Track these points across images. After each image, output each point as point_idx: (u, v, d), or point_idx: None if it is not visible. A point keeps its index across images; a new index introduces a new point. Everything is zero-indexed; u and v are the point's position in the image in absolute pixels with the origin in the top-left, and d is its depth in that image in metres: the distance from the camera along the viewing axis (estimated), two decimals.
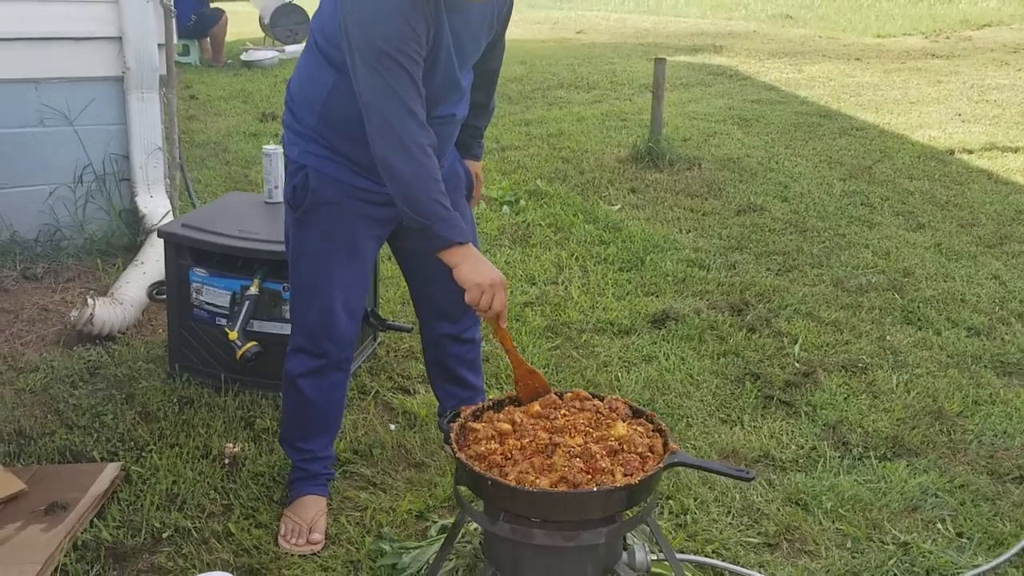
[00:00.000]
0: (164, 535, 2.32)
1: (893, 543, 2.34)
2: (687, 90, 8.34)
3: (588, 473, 1.80)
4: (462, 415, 2.02)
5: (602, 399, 2.06)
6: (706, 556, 2.28)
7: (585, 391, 2.10)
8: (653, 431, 1.96)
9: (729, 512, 2.47)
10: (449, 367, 2.58)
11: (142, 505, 2.41)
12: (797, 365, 3.28)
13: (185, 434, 2.75)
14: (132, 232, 3.95)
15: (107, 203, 4.05)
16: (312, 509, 2.38)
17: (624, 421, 1.98)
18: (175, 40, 3.98)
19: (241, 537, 2.32)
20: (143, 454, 2.64)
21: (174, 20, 3.90)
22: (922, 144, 6.47)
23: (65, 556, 2.18)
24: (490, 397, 2.33)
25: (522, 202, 5.05)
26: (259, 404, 2.92)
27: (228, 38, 10.03)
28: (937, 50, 10.42)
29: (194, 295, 2.95)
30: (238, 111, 7.41)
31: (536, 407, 2.02)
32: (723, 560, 2.28)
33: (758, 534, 2.39)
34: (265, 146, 3.16)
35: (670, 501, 2.50)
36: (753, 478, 1.87)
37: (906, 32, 11.87)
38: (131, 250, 3.92)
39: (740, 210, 5.03)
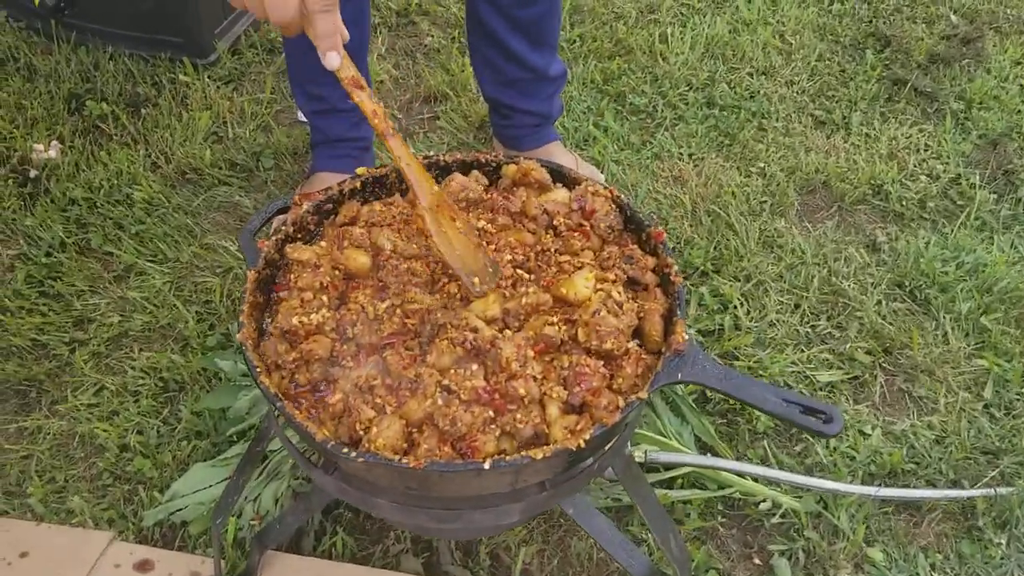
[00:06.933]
0: None
1: None
2: None
3: (488, 404, 0.87)
4: (291, 215, 1.05)
5: (577, 183, 1.06)
6: None
7: (537, 163, 1.08)
8: (648, 286, 0.98)
9: None
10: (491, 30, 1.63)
11: None
12: None
13: None
14: None
15: None
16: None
17: (595, 260, 0.99)
18: None
19: None
20: None
21: None
22: None
23: None
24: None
25: None
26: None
27: None
28: None
29: None
30: None
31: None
32: None
33: None
34: None
35: None
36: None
37: None
38: None
39: None
